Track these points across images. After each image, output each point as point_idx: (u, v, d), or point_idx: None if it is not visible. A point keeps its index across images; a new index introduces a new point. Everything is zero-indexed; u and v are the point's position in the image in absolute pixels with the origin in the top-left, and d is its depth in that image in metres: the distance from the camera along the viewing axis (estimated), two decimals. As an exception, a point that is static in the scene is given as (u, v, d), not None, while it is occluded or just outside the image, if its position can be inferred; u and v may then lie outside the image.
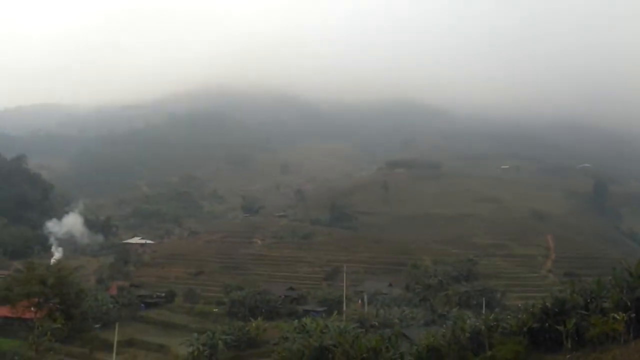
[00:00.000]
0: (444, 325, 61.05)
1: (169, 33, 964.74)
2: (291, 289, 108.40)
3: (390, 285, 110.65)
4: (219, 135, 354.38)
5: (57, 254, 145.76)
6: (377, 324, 73.14)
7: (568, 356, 43.92)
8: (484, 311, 71.87)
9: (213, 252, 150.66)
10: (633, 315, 43.28)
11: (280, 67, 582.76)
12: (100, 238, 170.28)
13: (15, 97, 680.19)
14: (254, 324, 76.69)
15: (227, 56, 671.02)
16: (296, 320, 67.81)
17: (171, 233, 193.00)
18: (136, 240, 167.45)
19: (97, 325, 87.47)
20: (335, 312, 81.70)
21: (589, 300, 46.91)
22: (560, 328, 45.46)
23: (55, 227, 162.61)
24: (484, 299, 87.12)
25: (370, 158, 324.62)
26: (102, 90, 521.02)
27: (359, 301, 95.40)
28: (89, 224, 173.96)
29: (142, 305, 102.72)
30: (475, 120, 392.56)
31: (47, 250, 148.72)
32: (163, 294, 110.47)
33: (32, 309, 57.31)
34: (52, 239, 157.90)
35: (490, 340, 49.47)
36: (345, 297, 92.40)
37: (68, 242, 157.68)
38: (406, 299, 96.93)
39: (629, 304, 43.93)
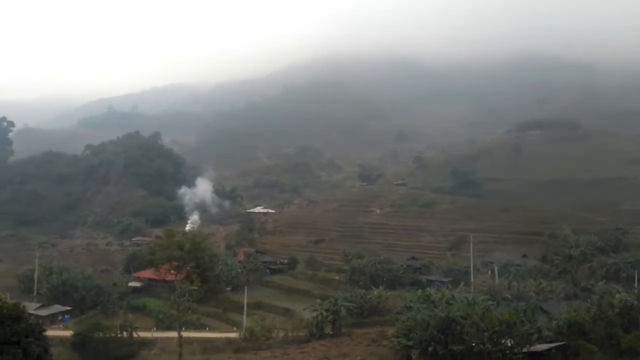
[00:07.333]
0: (588, 300, 57.05)
1: (282, 6, 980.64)
2: (413, 258, 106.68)
3: (524, 256, 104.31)
4: (332, 105, 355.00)
5: (194, 215, 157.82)
6: (509, 296, 69.04)
7: None
8: (635, 285, 65.43)
9: (332, 220, 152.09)
10: None
11: (395, 30, 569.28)
12: (227, 206, 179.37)
13: (150, 80, 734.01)
14: (375, 292, 76.37)
15: (340, 24, 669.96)
16: (419, 290, 65.25)
17: (291, 202, 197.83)
18: (259, 209, 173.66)
19: (228, 288, 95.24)
20: (462, 283, 78.46)
21: None
22: None
23: (188, 194, 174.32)
24: (635, 272, 79.54)
25: (498, 121, 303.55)
26: (222, 68, 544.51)
27: (489, 272, 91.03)
28: (217, 193, 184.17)
29: (267, 271, 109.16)
30: (622, 73, 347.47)
31: (182, 218, 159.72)
32: (286, 261, 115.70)
33: (172, 272, 62.51)
34: (187, 198, 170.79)
35: (644, 317, 44.27)
36: (473, 268, 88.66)
37: (200, 210, 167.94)
38: (543, 271, 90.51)
39: None
